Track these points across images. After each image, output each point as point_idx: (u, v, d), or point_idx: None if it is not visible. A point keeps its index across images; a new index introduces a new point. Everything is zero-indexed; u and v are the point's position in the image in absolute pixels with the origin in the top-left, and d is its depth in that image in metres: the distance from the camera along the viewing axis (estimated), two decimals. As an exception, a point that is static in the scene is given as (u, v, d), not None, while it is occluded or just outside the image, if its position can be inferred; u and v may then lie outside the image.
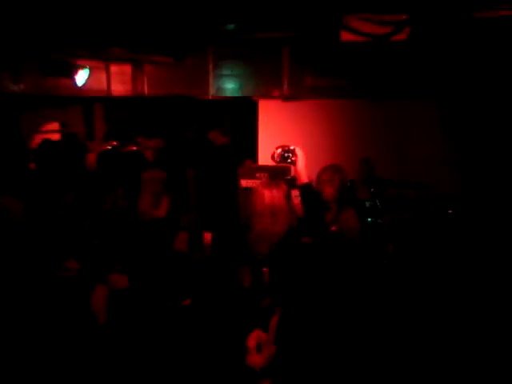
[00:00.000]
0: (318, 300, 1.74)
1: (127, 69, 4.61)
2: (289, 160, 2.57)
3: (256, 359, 1.61)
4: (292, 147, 2.55)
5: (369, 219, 3.88)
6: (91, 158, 4.58)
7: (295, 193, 2.49)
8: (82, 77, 4.35)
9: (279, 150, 2.57)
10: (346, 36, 3.05)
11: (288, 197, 2.46)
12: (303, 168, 2.48)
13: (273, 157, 2.66)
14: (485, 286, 3.21)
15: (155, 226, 2.97)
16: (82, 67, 4.34)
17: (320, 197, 2.73)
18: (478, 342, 2.55)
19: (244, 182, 4.96)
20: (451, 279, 3.33)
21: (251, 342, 1.62)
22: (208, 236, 4.33)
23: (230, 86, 4.43)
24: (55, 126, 7.24)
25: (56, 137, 6.75)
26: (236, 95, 4.48)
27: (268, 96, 4.52)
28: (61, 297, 2.42)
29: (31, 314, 2.27)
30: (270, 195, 2.47)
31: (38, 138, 6.11)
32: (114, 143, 5.24)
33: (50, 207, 3.25)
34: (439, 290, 3.24)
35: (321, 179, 3.32)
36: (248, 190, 3.18)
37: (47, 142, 5.52)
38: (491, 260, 3.47)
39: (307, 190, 2.46)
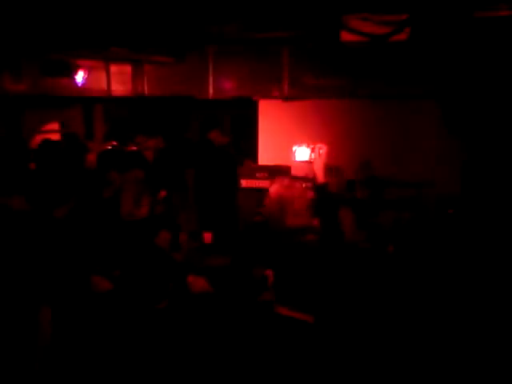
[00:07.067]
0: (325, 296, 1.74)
1: (127, 69, 4.61)
2: (299, 159, 2.52)
3: None
4: (311, 146, 2.51)
5: (368, 219, 3.89)
6: (91, 157, 4.57)
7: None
8: (81, 77, 4.36)
9: (294, 148, 2.53)
10: (346, 36, 3.05)
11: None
12: (319, 168, 2.44)
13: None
14: (484, 285, 3.20)
15: (138, 225, 2.97)
16: (82, 67, 4.34)
17: (333, 198, 2.70)
18: (478, 340, 2.55)
19: (244, 182, 4.98)
20: (451, 278, 3.33)
21: None
22: (208, 236, 4.33)
23: (230, 86, 4.43)
24: (55, 126, 7.23)
25: (56, 137, 6.74)
26: (236, 95, 4.48)
27: (268, 96, 4.52)
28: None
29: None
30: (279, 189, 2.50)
31: (38, 138, 6.10)
32: (114, 143, 5.24)
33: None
34: (439, 288, 3.23)
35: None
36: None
37: (47, 141, 5.51)
38: (491, 260, 3.47)
39: (323, 191, 2.44)
